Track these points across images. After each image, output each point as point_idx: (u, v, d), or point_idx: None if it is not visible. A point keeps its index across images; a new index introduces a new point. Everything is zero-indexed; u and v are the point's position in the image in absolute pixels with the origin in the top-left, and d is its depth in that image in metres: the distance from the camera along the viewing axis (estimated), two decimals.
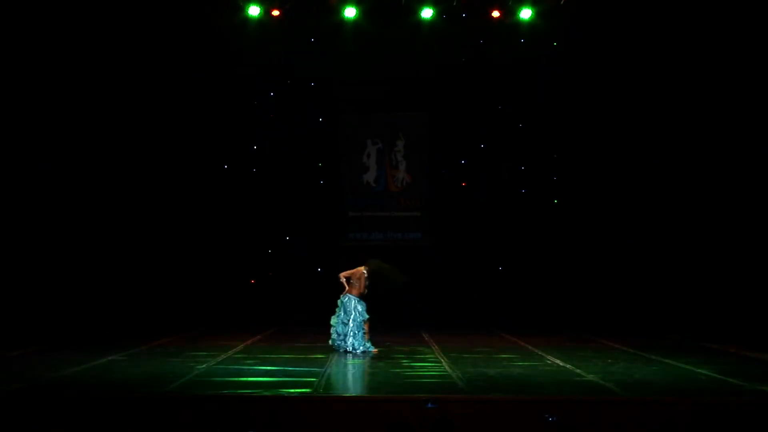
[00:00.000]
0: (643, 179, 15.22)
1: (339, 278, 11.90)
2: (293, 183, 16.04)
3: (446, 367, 10.20)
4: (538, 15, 14.82)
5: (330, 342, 11.82)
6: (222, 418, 7.49)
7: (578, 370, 9.93)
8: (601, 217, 15.49)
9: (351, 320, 11.71)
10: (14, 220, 13.86)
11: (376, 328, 12.26)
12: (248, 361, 10.61)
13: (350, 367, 10.64)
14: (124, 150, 15.26)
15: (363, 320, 11.76)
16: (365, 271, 11.85)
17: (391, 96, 16.01)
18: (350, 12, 14.80)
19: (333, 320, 11.88)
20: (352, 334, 11.69)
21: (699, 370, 10.00)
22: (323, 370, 9.92)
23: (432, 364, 10.55)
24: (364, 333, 11.78)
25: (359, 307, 11.77)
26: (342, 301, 11.83)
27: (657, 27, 14.70)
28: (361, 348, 11.66)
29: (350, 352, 11.57)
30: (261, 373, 9.66)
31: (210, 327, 14.54)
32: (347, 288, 11.83)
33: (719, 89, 14.30)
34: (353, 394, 8.64)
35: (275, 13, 14.90)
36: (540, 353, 11.54)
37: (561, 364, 10.53)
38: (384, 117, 16.32)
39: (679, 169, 14.91)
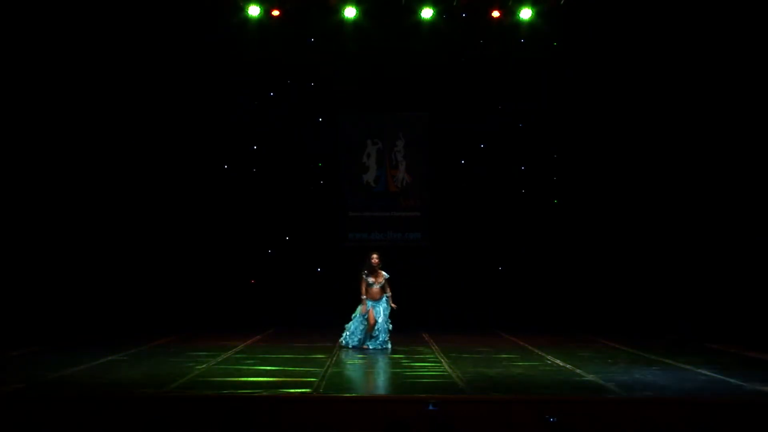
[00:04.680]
0: (643, 179, 15.21)
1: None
2: (293, 183, 16.04)
3: (446, 367, 10.20)
4: (538, 15, 14.82)
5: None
6: (222, 418, 7.49)
7: (578, 370, 9.93)
8: (601, 216, 15.48)
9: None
10: (15, 221, 13.85)
11: None
12: (248, 361, 10.62)
13: (350, 367, 10.64)
14: (124, 150, 15.25)
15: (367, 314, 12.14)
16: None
17: (391, 96, 16.01)
18: (350, 12, 14.81)
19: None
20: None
21: (699, 370, 10.01)
22: (323, 370, 9.92)
23: (432, 364, 10.56)
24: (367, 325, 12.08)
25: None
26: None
27: (657, 26, 14.70)
28: (357, 339, 12.08)
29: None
30: (261, 373, 9.67)
31: (210, 327, 14.54)
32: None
33: (720, 88, 14.29)
34: (353, 394, 8.64)
35: (275, 13, 14.91)
36: (540, 353, 11.54)
37: (561, 364, 10.53)
38: (384, 117, 16.31)
39: (681, 169, 14.90)
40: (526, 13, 14.76)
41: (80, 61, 14.54)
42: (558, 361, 10.71)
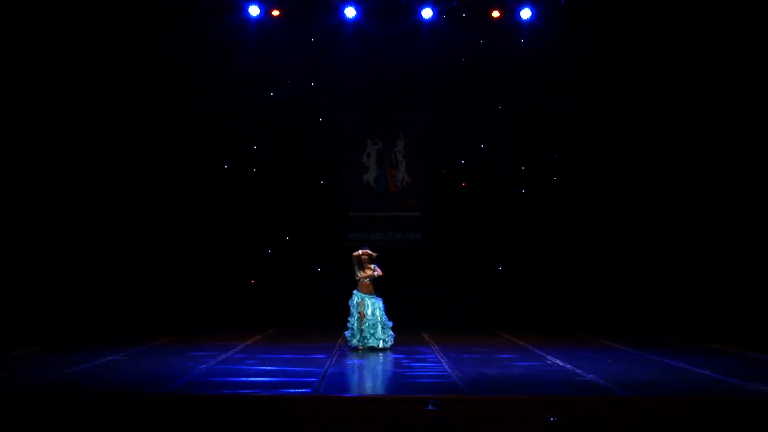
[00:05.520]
0: (643, 179, 15.21)
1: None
2: (293, 183, 16.03)
3: (446, 367, 10.20)
4: (538, 15, 14.83)
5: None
6: (222, 418, 7.48)
7: (578, 370, 9.93)
8: (600, 216, 15.47)
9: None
10: (14, 221, 13.86)
11: None
12: (248, 361, 10.62)
13: (350, 367, 10.63)
14: (125, 150, 15.24)
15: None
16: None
17: (391, 96, 16.02)
18: (350, 12, 14.83)
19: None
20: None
21: (699, 370, 10.01)
22: (323, 370, 9.92)
23: (432, 364, 10.56)
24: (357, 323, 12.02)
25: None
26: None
27: (657, 26, 14.70)
28: (358, 336, 11.99)
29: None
30: (261, 373, 9.67)
31: (210, 327, 14.54)
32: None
33: (721, 87, 14.29)
34: (353, 394, 8.64)
35: (275, 13, 14.92)
36: (540, 353, 11.54)
37: (561, 364, 10.53)
38: (384, 117, 16.31)
39: (680, 168, 14.90)
40: (526, 13, 14.78)
41: (79, 60, 14.54)
42: (558, 361, 10.71)
